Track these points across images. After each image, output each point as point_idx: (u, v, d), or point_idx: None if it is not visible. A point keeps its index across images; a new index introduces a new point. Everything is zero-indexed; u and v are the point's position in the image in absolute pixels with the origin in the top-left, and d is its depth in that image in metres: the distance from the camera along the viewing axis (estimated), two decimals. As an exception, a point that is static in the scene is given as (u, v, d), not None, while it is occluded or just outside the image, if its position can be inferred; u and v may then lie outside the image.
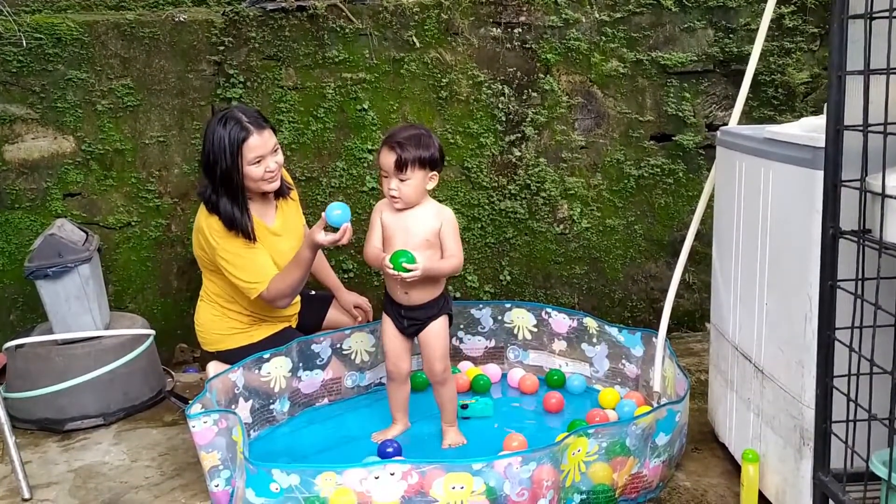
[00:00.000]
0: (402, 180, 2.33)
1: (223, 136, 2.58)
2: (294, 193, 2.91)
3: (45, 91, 3.16)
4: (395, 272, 2.29)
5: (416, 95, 3.42)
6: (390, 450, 2.40)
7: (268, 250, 2.72)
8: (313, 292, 3.07)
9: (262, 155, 2.62)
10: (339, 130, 3.39)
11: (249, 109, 2.80)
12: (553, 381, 2.94)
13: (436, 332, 2.45)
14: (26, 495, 2.31)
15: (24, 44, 3.10)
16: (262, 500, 1.94)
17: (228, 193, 2.62)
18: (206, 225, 2.66)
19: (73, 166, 3.24)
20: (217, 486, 2.22)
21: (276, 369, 2.66)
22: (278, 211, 2.82)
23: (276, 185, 2.71)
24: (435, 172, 2.37)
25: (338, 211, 2.44)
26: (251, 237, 2.66)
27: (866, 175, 1.57)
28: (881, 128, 1.51)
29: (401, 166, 2.31)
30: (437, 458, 2.34)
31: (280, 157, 2.70)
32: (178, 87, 3.28)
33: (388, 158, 2.33)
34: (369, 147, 3.40)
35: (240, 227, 2.63)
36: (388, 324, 2.50)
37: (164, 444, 2.66)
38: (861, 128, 1.54)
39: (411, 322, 2.46)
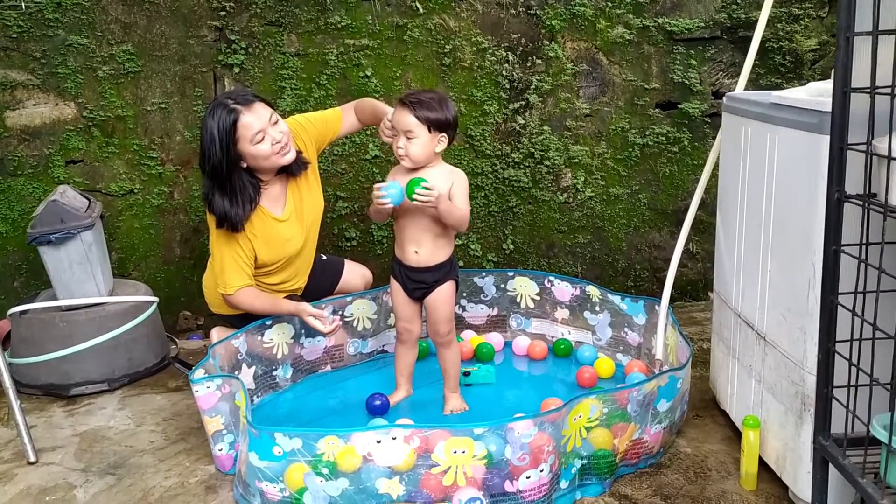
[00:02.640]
0: (408, 138, 2.34)
1: (213, 127, 2.49)
2: (314, 169, 2.78)
3: (46, 56, 3.14)
4: (419, 192, 2.29)
5: (420, 62, 3.39)
6: (378, 402, 2.46)
7: (268, 235, 2.64)
8: (325, 257, 3.01)
9: (262, 129, 2.51)
10: (342, 97, 3.35)
11: (236, 90, 2.71)
12: (560, 350, 2.95)
13: (442, 295, 2.47)
14: (32, 458, 2.33)
15: (24, 7, 3.07)
16: (265, 464, 1.95)
17: (219, 186, 2.53)
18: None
19: (74, 133, 3.23)
20: (221, 450, 2.24)
21: (279, 336, 2.67)
22: (291, 194, 2.72)
23: (291, 156, 2.60)
24: (444, 135, 2.37)
25: (393, 190, 2.33)
26: (237, 229, 2.56)
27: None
28: (888, 90, 1.48)
29: (408, 124, 2.33)
30: (439, 423, 2.35)
31: (284, 127, 2.59)
32: (180, 53, 3.25)
33: (397, 115, 2.37)
34: (372, 114, 3.37)
35: (228, 223, 2.55)
36: (396, 287, 2.52)
37: (169, 409, 2.68)
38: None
39: (417, 286, 2.47)
